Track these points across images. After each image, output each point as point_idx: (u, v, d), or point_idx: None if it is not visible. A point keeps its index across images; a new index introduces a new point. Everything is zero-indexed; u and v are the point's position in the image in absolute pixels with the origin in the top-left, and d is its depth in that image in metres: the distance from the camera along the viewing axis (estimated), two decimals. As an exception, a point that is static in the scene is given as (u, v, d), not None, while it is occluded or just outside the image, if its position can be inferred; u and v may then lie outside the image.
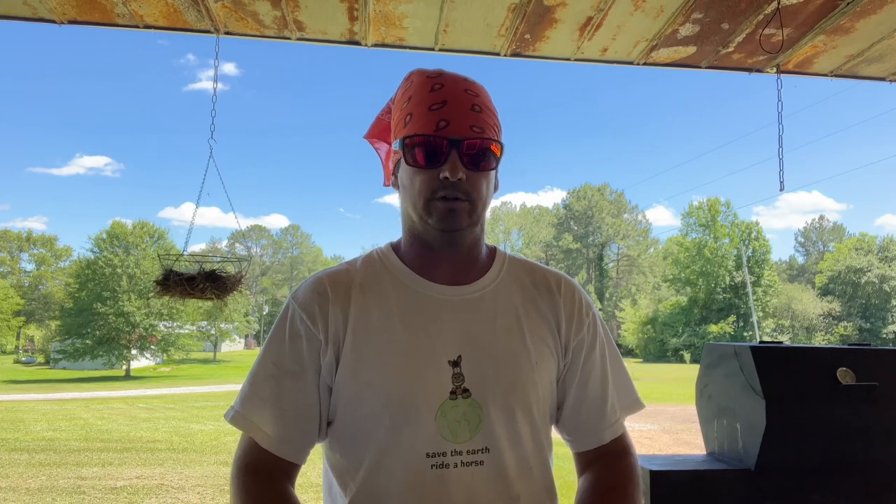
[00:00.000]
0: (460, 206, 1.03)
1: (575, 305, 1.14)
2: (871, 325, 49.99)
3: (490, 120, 1.05)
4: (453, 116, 1.02)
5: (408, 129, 1.04)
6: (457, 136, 1.01)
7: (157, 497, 7.28)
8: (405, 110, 1.06)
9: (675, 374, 29.95)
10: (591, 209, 66.94)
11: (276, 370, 1.05)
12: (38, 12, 2.71)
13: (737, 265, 47.92)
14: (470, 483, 1.00)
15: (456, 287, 1.08)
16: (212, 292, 3.81)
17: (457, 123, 1.02)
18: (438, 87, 1.04)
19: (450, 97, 1.03)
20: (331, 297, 1.06)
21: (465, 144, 1.02)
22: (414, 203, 1.05)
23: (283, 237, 78.38)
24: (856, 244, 55.77)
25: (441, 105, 1.02)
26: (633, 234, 68.74)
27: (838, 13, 2.72)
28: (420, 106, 1.04)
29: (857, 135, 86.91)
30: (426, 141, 1.02)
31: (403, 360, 1.02)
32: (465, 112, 1.03)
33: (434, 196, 1.03)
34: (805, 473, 2.18)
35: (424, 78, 1.07)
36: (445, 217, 1.03)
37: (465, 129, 1.02)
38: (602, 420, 1.14)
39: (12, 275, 60.91)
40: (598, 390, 1.14)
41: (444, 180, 1.01)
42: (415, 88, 1.07)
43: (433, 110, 1.02)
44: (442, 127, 1.01)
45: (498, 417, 1.02)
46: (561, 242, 66.11)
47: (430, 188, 1.03)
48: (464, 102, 1.04)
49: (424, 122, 1.02)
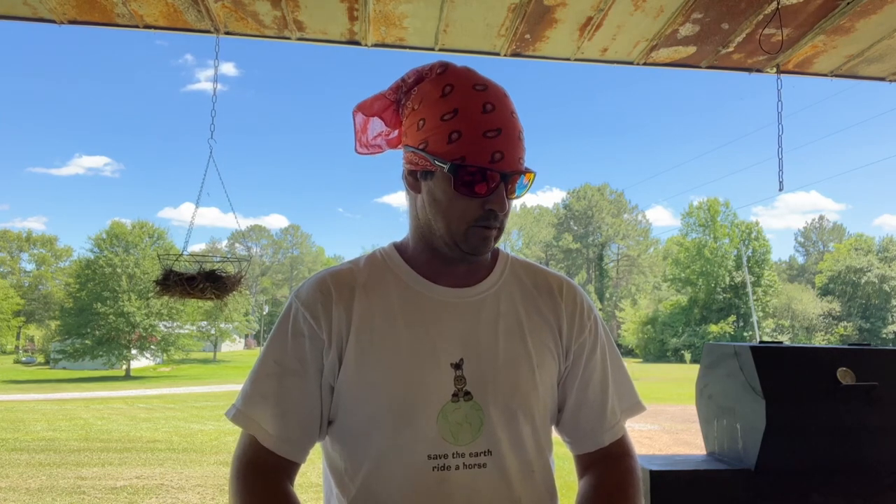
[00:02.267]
0: (493, 235, 1.05)
1: (577, 309, 1.14)
2: (871, 325, 50.00)
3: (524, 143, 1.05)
4: (507, 148, 0.99)
5: (457, 149, 0.99)
6: (508, 170, 1.00)
7: (157, 497, 7.28)
8: (449, 123, 1.00)
9: (675, 374, 29.95)
10: (591, 209, 66.96)
11: (278, 368, 1.05)
12: (38, 12, 2.71)
13: (737, 265, 47.92)
14: (472, 485, 1.00)
15: (458, 290, 1.08)
16: (212, 292, 3.82)
17: (510, 156, 1.00)
18: (490, 108, 1.00)
19: (503, 124, 1.00)
20: (334, 296, 1.06)
21: (513, 178, 1.01)
22: (449, 225, 1.03)
23: (283, 237, 78.44)
24: (854, 244, 55.80)
25: (496, 133, 0.99)
26: (633, 234, 68.76)
27: (838, 13, 2.72)
28: (474, 129, 0.99)
29: (857, 135, 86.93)
30: (480, 172, 0.99)
31: (405, 361, 1.02)
32: (515, 143, 1.01)
33: (475, 224, 1.03)
34: (805, 473, 2.18)
35: (471, 90, 1.02)
36: (479, 245, 1.04)
37: (515, 163, 1.01)
38: (602, 423, 1.14)
39: (12, 275, 60.90)
40: (599, 393, 1.14)
41: (489, 212, 1.01)
42: (461, 99, 1.00)
43: (488, 138, 0.99)
44: (497, 159, 0.99)
45: (500, 420, 1.02)
46: (561, 242, 66.12)
47: (473, 216, 1.02)
48: (514, 131, 1.01)
49: (479, 151, 0.98)
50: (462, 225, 1.02)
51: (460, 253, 1.05)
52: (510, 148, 1.00)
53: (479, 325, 1.06)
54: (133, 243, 37.97)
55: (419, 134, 1.03)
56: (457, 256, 1.07)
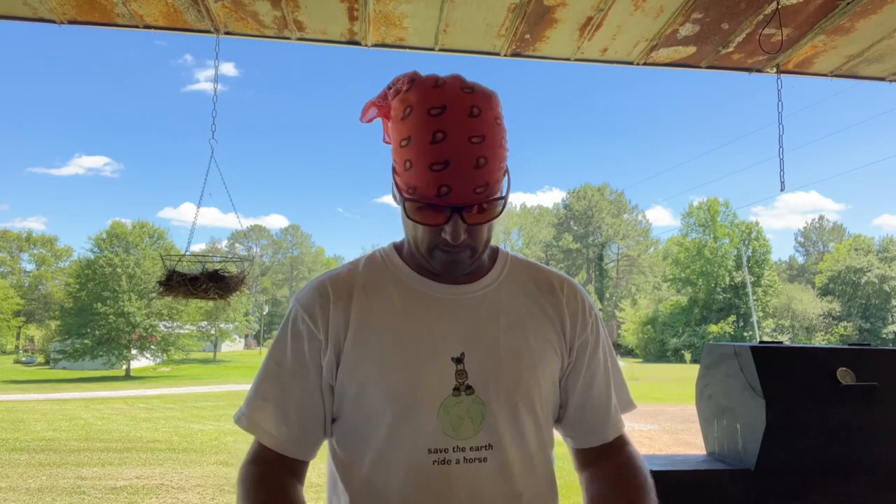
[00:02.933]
0: (462, 256, 1.02)
1: (579, 306, 1.15)
2: (871, 325, 49.99)
3: (495, 165, 0.96)
4: (456, 182, 0.93)
5: (410, 179, 0.96)
6: (459, 203, 0.95)
7: (157, 497, 7.28)
8: (405, 149, 0.96)
9: (675, 374, 29.95)
10: (591, 209, 66.96)
11: (279, 370, 1.07)
12: (38, 12, 2.71)
13: (737, 265, 47.93)
14: (473, 479, 1.00)
15: (458, 286, 1.09)
16: (215, 292, 3.82)
17: (459, 189, 0.94)
18: (441, 137, 0.92)
19: (452, 155, 0.92)
20: (332, 297, 1.07)
21: (466, 211, 0.97)
22: (416, 245, 1.04)
23: (283, 237, 78.45)
24: (852, 244, 55.79)
25: (443, 167, 0.93)
26: (633, 234, 68.77)
27: (838, 13, 2.73)
28: (421, 160, 0.94)
29: (856, 135, 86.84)
30: (427, 205, 0.97)
31: (405, 356, 1.02)
32: (468, 172, 0.93)
33: (437, 248, 1.01)
34: (805, 473, 2.18)
35: (426, 115, 0.94)
36: (447, 266, 1.03)
37: (469, 195, 0.95)
38: (607, 419, 1.15)
39: (12, 275, 60.90)
40: (603, 390, 1.15)
41: (445, 241, 0.99)
42: (414, 126, 0.95)
43: (434, 171, 0.93)
44: (444, 193, 0.94)
45: (502, 414, 1.03)
46: (561, 242, 66.12)
47: (432, 241, 1.01)
48: (468, 159, 0.93)
49: (425, 184, 0.94)
50: (423, 248, 1.02)
51: (434, 271, 1.06)
52: (459, 181, 0.93)
53: (479, 320, 1.06)
54: (133, 243, 37.94)
55: (392, 152, 1.02)
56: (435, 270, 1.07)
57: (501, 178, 1.00)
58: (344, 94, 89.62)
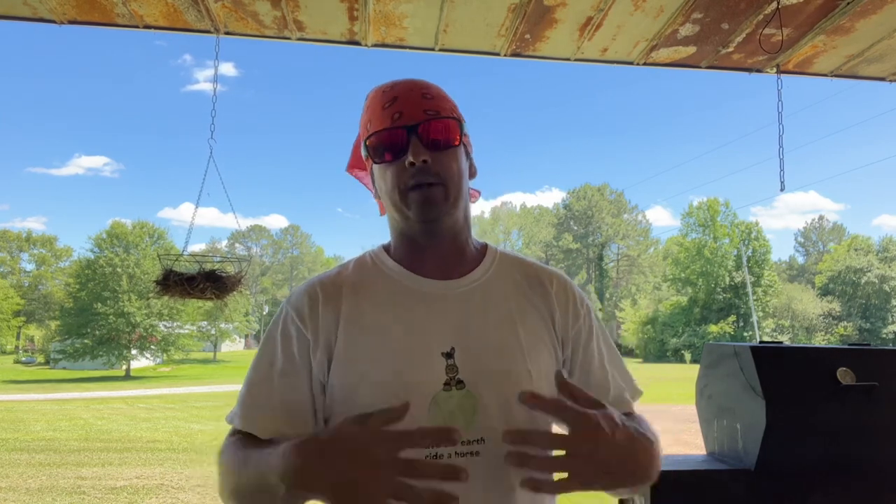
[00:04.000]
0: (435, 192, 1.05)
1: (569, 299, 1.15)
2: (871, 325, 49.97)
3: (445, 104, 1.09)
4: (405, 107, 1.06)
5: (369, 136, 1.08)
6: (411, 122, 1.05)
7: (157, 497, 7.28)
8: (364, 121, 1.11)
9: (675, 374, 29.93)
10: (591, 209, 66.96)
11: (269, 371, 1.08)
12: (38, 12, 2.71)
13: (737, 265, 47.92)
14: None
15: (447, 281, 1.10)
16: (212, 292, 3.82)
17: (409, 112, 1.05)
18: (389, 89, 1.09)
19: (400, 93, 1.07)
20: (321, 298, 1.08)
21: (420, 127, 1.04)
22: (391, 199, 1.08)
23: (283, 237, 78.43)
24: (851, 245, 55.79)
25: (392, 101, 1.06)
26: (633, 234, 68.76)
27: (838, 13, 2.73)
28: (375, 110, 1.08)
29: (856, 135, 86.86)
30: (384, 135, 1.06)
31: (395, 352, 1.03)
32: (416, 100, 1.07)
33: (407, 187, 1.05)
34: (805, 473, 2.18)
35: (379, 91, 1.11)
36: (423, 206, 1.05)
37: (419, 114, 1.05)
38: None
39: (12, 275, 60.86)
40: (601, 377, 1.15)
41: (411, 166, 1.04)
42: (370, 100, 1.11)
43: (386, 108, 1.06)
44: (396, 119, 1.05)
45: (493, 408, 1.03)
46: (561, 242, 66.12)
47: (401, 179, 1.05)
48: (414, 93, 1.07)
49: (381, 120, 1.06)
50: (396, 192, 1.06)
51: (414, 224, 1.08)
52: (408, 106, 1.05)
53: (469, 314, 1.07)
54: (133, 243, 37.96)
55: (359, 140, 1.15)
56: (416, 231, 1.09)
57: (454, 113, 1.09)
58: (344, 94, 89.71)
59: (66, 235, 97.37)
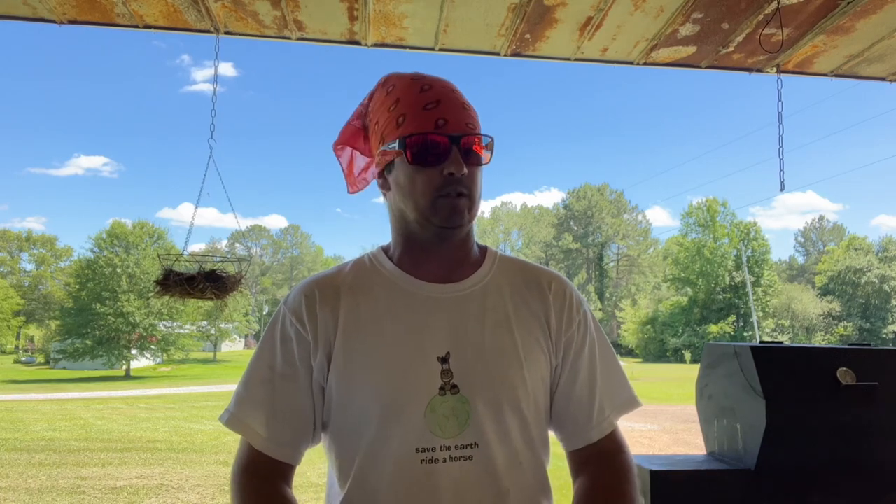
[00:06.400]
0: (462, 203, 1.05)
1: (566, 303, 1.14)
2: (871, 325, 49.97)
3: (477, 118, 1.10)
4: (449, 114, 1.05)
5: (404, 129, 1.05)
6: (456, 132, 1.04)
7: (157, 497, 7.28)
8: (395, 112, 1.07)
9: (675, 374, 29.93)
10: (591, 209, 66.95)
11: (269, 373, 1.07)
12: (38, 12, 2.71)
13: (736, 265, 47.92)
14: (459, 477, 1.01)
15: (445, 285, 1.09)
16: (212, 292, 3.81)
17: (454, 121, 1.05)
18: (427, 87, 1.07)
19: (442, 97, 1.06)
20: (319, 299, 1.08)
21: (463, 141, 1.04)
22: (416, 202, 1.06)
23: (283, 237, 78.47)
24: (849, 245, 55.78)
25: (435, 104, 1.05)
26: (633, 234, 68.76)
27: (838, 13, 2.73)
28: (413, 106, 1.06)
29: (855, 135, 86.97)
30: (427, 139, 1.03)
31: (392, 357, 1.03)
32: (458, 110, 1.06)
33: (439, 193, 1.04)
34: (805, 473, 2.18)
35: (409, 81, 1.09)
36: (451, 214, 1.04)
37: (462, 126, 1.05)
38: (589, 419, 1.13)
39: (12, 275, 60.84)
40: (586, 389, 1.14)
41: (449, 177, 1.03)
42: (401, 91, 1.08)
43: (429, 109, 1.05)
44: (441, 125, 1.04)
45: (486, 413, 1.03)
46: (561, 242, 66.11)
47: (434, 186, 1.04)
48: (455, 101, 1.07)
49: (422, 121, 1.04)
50: (427, 198, 1.04)
51: (435, 228, 1.06)
52: (453, 114, 1.05)
53: (465, 319, 1.07)
54: (133, 243, 37.93)
55: (378, 135, 1.11)
56: (431, 235, 1.08)
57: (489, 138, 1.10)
58: (344, 94, 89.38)
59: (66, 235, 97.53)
